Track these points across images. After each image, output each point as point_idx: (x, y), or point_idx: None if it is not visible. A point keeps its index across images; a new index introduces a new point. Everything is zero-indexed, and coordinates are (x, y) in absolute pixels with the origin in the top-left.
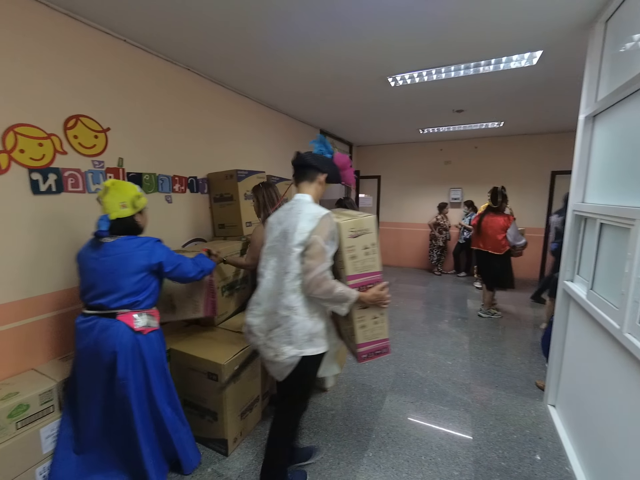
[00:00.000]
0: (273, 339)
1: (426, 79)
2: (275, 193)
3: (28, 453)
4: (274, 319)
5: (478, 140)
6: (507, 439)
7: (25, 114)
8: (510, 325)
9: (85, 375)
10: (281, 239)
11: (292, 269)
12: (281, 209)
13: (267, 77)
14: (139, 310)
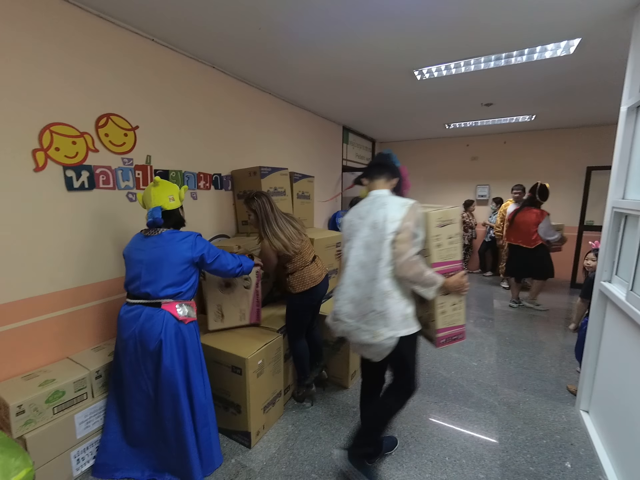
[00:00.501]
0: (369, 322)
1: (454, 71)
2: (270, 203)
3: (64, 437)
4: (368, 304)
5: (507, 135)
6: (535, 444)
7: (59, 113)
8: (540, 327)
9: (131, 365)
10: (369, 231)
11: (385, 256)
12: (358, 205)
13: (291, 73)
14: (181, 300)
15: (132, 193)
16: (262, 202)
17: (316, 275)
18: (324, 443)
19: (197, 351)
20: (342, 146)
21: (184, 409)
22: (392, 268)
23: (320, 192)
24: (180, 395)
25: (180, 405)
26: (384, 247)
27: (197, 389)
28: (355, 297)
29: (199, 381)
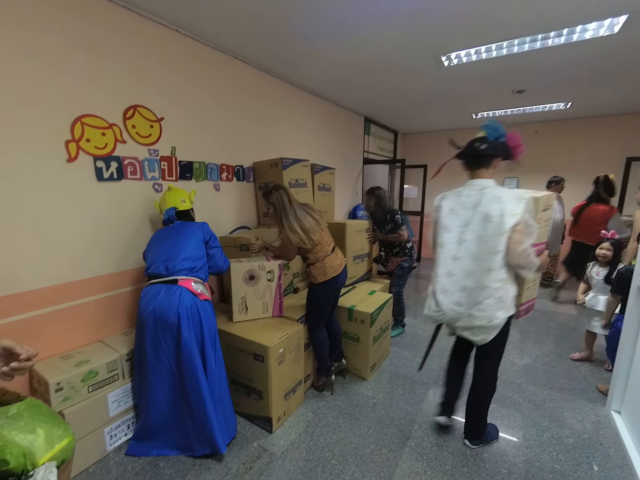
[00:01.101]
0: (484, 309)
1: (484, 56)
2: (287, 196)
3: (98, 414)
4: (483, 293)
5: (539, 124)
6: (562, 442)
7: (90, 105)
8: (568, 325)
9: (152, 342)
10: (481, 224)
11: (503, 248)
12: (458, 193)
13: (314, 61)
14: (196, 277)
15: (158, 184)
16: (280, 195)
17: (337, 265)
18: (343, 431)
19: (213, 329)
20: (364, 138)
21: (202, 382)
22: (507, 257)
23: (341, 184)
24: (197, 367)
25: (199, 377)
26: (503, 240)
27: (210, 364)
28: (467, 286)
29: (211, 358)
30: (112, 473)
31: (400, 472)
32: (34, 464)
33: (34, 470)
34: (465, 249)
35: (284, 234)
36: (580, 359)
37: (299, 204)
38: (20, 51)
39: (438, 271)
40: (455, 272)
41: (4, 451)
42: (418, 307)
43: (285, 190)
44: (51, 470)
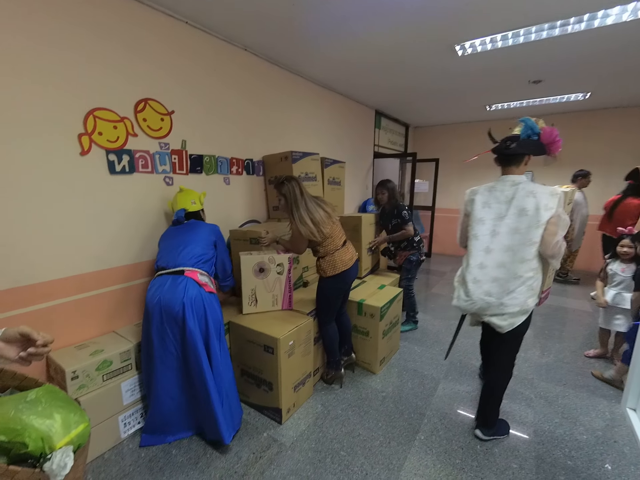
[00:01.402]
0: (516, 297)
1: (500, 44)
2: (299, 188)
3: (112, 402)
4: (516, 282)
5: (556, 116)
6: (574, 439)
7: (101, 98)
8: (582, 321)
9: (158, 331)
10: (516, 217)
11: (538, 239)
12: (492, 188)
13: (324, 53)
14: (202, 270)
15: (169, 177)
16: (292, 187)
17: (347, 259)
18: (352, 424)
19: (217, 321)
20: (374, 131)
21: (207, 373)
22: (541, 248)
23: (351, 178)
24: (202, 358)
25: (204, 368)
26: (538, 232)
27: (215, 356)
28: (499, 277)
29: (216, 349)
30: (126, 459)
31: (409, 464)
32: (51, 447)
33: (51, 454)
34: (498, 242)
35: (294, 226)
36: (595, 356)
37: (311, 197)
38: (32, 45)
39: (470, 262)
40: (487, 263)
41: (23, 434)
42: (428, 302)
43: (297, 182)
44: (68, 454)
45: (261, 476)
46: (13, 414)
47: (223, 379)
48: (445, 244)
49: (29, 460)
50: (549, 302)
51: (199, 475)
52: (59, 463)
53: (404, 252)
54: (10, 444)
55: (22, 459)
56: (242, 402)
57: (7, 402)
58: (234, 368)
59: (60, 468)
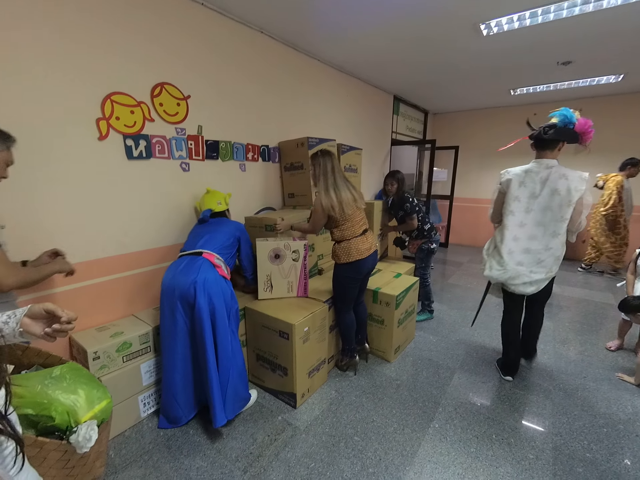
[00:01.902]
0: (544, 265)
1: (528, 22)
2: (332, 163)
3: (132, 383)
4: (546, 253)
5: (585, 100)
6: (594, 432)
7: (118, 82)
8: (604, 314)
9: (170, 305)
10: (549, 197)
11: (568, 216)
12: (528, 169)
13: (341, 34)
14: (219, 255)
15: (185, 163)
16: (325, 161)
17: (363, 249)
18: (366, 410)
19: (228, 303)
20: (392, 118)
21: (209, 351)
22: (568, 224)
23: (368, 166)
24: (207, 335)
25: (207, 345)
26: (569, 210)
27: (220, 336)
28: (530, 248)
29: (222, 330)
30: (146, 437)
31: (423, 451)
32: (76, 421)
33: (77, 427)
34: (532, 217)
35: (317, 198)
36: (617, 349)
37: (343, 177)
38: (50, 29)
39: (506, 235)
40: (521, 236)
41: (50, 408)
42: (444, 292)
43: (332, 158)
44: (93, 428)
45: (276, 458)
46: (40, 389)
47: (229, 361)
48: (462, 234)
49: (55, 432)
50: (572, 294)
51: (215, 455)
52: (84, 436)
53: (415, 240)
54: (38, 417)
55: (50, 432)
56: (258, 386)
57: (33, 378)
58: (249, 352)
59: (86, 440)
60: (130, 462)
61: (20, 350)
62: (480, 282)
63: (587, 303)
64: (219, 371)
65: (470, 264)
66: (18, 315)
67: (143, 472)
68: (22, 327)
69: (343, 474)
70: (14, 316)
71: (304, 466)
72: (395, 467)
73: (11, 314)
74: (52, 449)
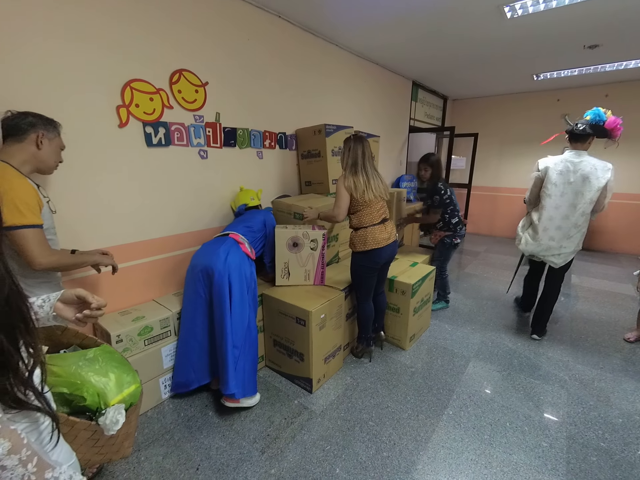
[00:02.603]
0: (572, 240)
1: (555, 4)
2: (363, 149)
3: (153, 366)
4: (574, 229)
5: (611, 86)
6: (609, 422)
7: (137, 69)
8: (626, 306)
9: (192, 278)
10: (580, 182)
11: (594, 200)
12: (565, 158)
13: (360, 15)
14: (244, 236)
15: (203, 150)
16: (356, 145)
17: (381, 238)
18: (381, 396)
19: (246, 278)
20: (411, 104)
21: (226, 319)
22: (595, 206)
23: (386, 153)
24: (224, 305)
25: (225, 314)
26: (597, 195)
27: (236, 308)
28: (562, 226)
29: (241, 302)
30: (167, 418)
31: (437, 437)
32: (106, 403)
33: (106, 409)
34: (565, 200)
35: (340, 178)
36: (636, 340)
37: (373, 165)
38: (71, 15)
39: (543, 215)
40: (555, 216)
41: (82, 389)
42: (461, 282)
43: (364, 144)
44: (120, 411)
45: (292, 440)
46: (74, 370)
47: (245, 336)
48: (479, 223)
49: (86, 412)
50: (590, 284)
51: (234, 436)
52: (111, 419)
53: (439, 232)
54: (72, 396)
55: (82, 411)
56: (274, 371)
57: (69, 358)
58: (267, 338)
59: (113, 424)
60: (153, 440)
61: (59, 330)
62: (496, 272)
63: (606, 294)
64: (233, 340)
65: (487, 254)
66: (52, 299)
67: (165, 450)
68: (55, 311)
69: (358, 457)
70: (48, 300)
71: (319, 448)
72: (409, 452)
73: (45, 298)
74: (82, 428)
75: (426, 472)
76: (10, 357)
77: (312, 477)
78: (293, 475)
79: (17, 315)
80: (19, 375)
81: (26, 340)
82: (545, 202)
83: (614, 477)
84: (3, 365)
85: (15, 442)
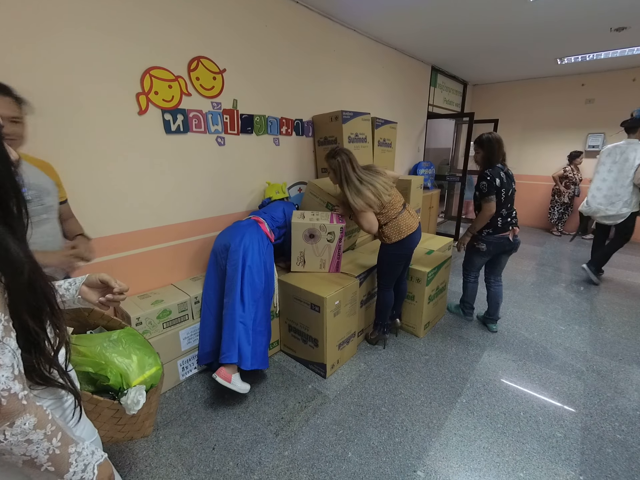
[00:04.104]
0: (615, 206)
1: None
2: (350, 161)
3: (172, 348)
4: (617, 197)
5: (638, 69)
6: (626, 414)
7: (156, 56)
8: None
9: (215, 252)
10: (624, 161)
11: (632, 174)
12: (617, 145)
13: (377, 2)
14: (265, 220)
15: (221, 137)
16: (343, 161)
17: (411, 222)
18: (394, 383)
19: (263, 253)
20: (429, 89)
21: (237, 290)
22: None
23: (403, 140)
24: (238, 276)
25: (237, 285)
26: (632, 171)
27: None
28: (607, 194)
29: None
30: (184, 399)
31: (449, 424)
32: (128, 384)
33: (127, 390)
34: (611, 176)
35: (352, 203)
36: None
37: (364, 171)
38: (95, 1)
39: (592, 186)
40: (602, 187)
41: (106, 369)
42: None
43: (348, 156)
44: (141, 392)
45: (306, 423)
46: (99, 350)
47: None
48: None
49: (110, 392)
50: (611, 275)
51: (249, 418)
52: (132, 399)
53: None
54: (97, 376)
55: (105, 390)
56: (289, 356)
57: (95, 339)
58: (282, 323)
59: (134, 404)
60: (171, 420)
61: (86, 312)
62: (514, 261)
63: (628, 285)
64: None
65: None
66: (77, 283)
67: (182, 430)
68: (80, 294)
69: (370, 442)
70: (74, 284)
71: (332, 432)
72: (421, 438)
73: (72, 282)
74: (106, 406)
75: (438, 459)
76: (37, 337)
77: (324, 460)
78: (306, 457)
79: (42, 298)
80: (45, 354)
81: (52, 321)
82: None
83: (629, 469)
84: (30, 344)
85: (41, 418)
